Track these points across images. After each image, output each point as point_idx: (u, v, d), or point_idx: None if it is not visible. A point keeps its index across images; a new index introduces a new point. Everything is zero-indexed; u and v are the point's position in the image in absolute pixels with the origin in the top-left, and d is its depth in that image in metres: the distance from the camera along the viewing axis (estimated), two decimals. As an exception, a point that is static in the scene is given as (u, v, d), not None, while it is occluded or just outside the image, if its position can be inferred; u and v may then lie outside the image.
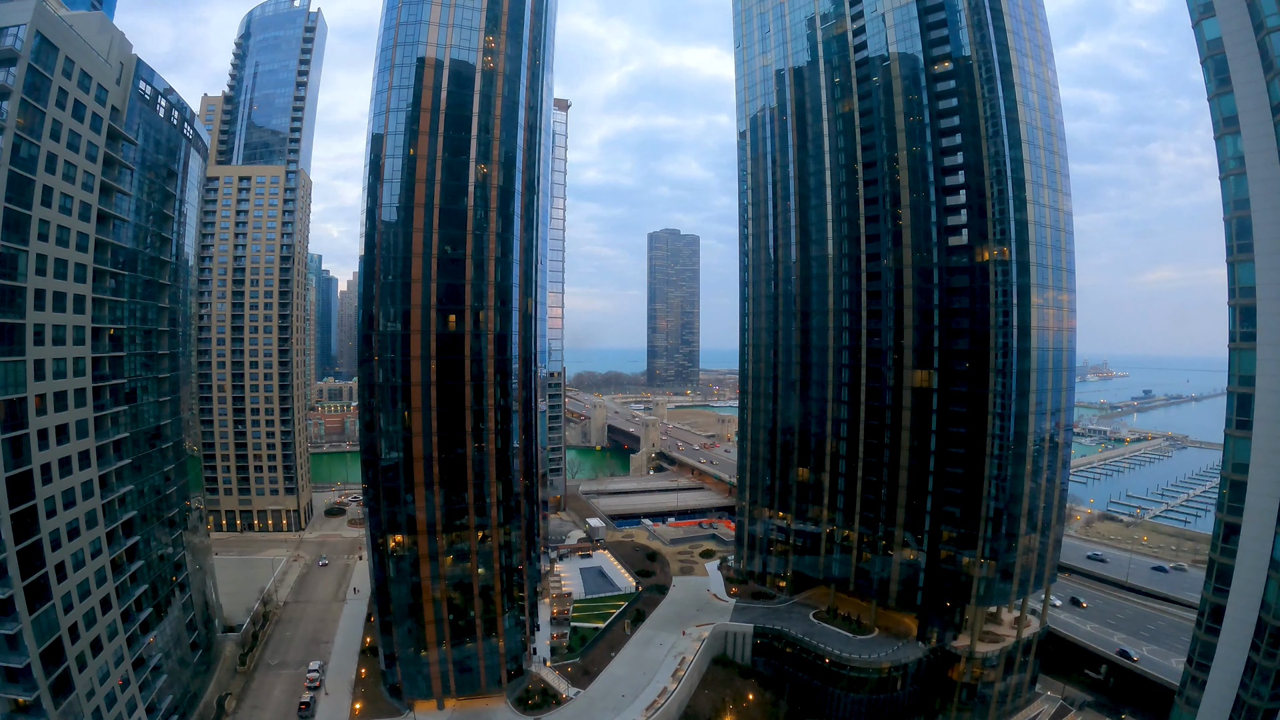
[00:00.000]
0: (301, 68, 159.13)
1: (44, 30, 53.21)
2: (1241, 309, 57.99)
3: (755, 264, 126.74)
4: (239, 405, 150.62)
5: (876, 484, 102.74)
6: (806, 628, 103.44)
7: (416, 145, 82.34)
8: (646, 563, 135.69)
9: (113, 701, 61.13)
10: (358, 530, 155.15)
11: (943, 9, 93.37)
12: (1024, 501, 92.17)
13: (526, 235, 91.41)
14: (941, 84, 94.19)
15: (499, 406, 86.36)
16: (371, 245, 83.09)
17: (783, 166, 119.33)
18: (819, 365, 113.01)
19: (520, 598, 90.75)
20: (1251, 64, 54.91)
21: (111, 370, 66.40)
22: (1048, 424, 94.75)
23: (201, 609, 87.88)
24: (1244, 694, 55.47)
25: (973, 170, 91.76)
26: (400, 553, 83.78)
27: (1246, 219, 56.37)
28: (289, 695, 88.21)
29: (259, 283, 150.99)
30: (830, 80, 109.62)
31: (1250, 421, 56.46)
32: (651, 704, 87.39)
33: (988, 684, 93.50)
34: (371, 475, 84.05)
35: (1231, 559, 57.48)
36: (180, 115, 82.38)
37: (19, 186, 51.59)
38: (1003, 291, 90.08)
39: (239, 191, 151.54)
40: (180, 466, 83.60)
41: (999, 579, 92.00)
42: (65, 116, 56.73)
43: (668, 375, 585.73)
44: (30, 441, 52.94)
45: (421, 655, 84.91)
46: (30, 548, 52.20)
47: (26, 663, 51.18)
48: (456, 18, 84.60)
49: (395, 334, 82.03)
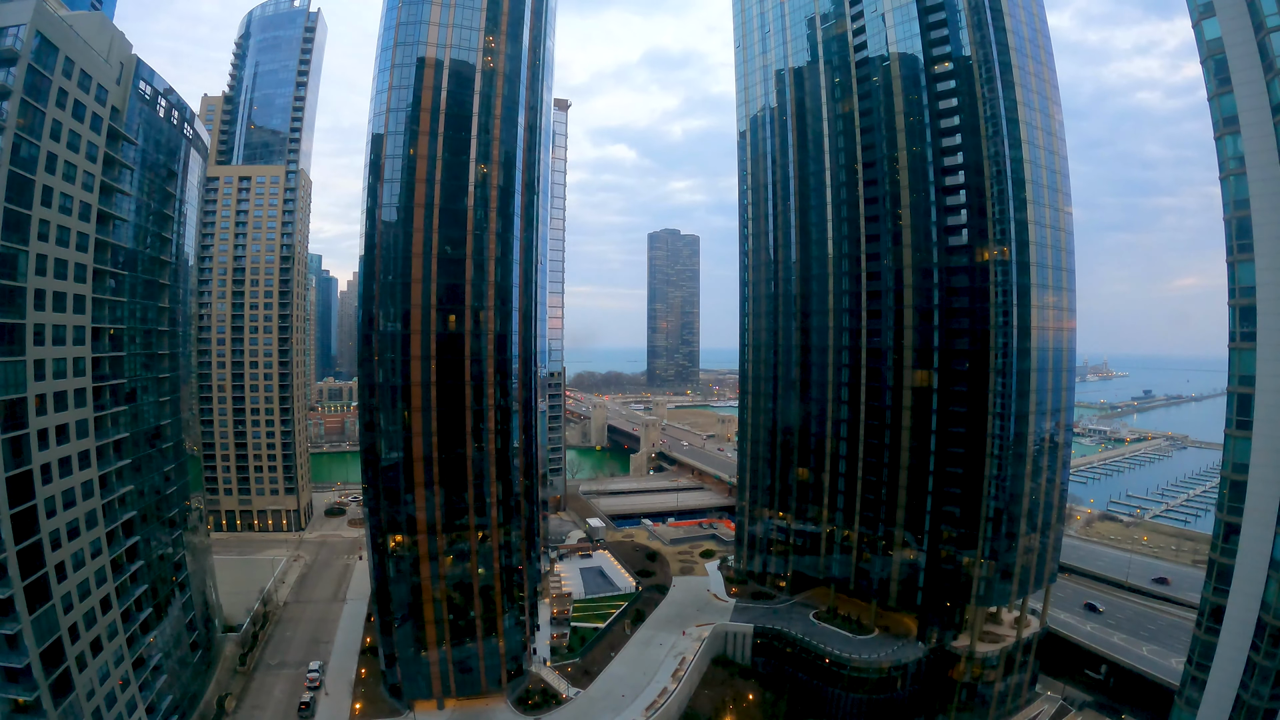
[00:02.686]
0: (301, 68, 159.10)
1: (44, 30, 53.21)
2: (1241, 309, 58.05)
3: (755, 264, 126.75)
4: (239, 405, 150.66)
5: (876, 484, 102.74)
6: (806, 628, 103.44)
7: (416, 145, 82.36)
8: (646, 563, 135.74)
9: (113, 702, 61.12)
10: (358, 530, 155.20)
11: (943, 9, 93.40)
12: (1024, 501, 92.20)
13: (526, 235, 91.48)
14: (942, 84, 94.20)
15: (499, 406, 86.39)
16: (371, 245, 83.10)
17: (783, 166, 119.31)
18: (819, 365, 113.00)
19: (520, 598, 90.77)
20: (1251, 64, 54.97)
21: (111, 370, 66.36)
22: (1048, 424, 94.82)
23: (201, 609, 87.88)
24: (1244, 694, 55.51)
25: (973, 170, 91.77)
26: (400, 553, 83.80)
27: (1246, 219, 56.45)
28: (289, 695, 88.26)
29: (259, 283, 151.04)
30: (830, 80, 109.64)
31: (1250, 421, 56.52)
32: (651, 704, 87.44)
33: (988, 684, 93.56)
34: (371, 475, 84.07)
35: (1231, 559, 57.54)
36: (180, 115, 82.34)
37: (19, 186, 51.57)
38: (1003, 291, 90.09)
39: (239, 191, 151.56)
40: (180, 466, 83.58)
41: (999, 579, 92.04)
42: (65, 116, 56.70)
43: (668, 375, 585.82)
44: (30, 441, 52.94)
45: (421, 655, 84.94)
46: (30, 548, 52.19)
47: (26, 663, 51.16)
48: (456, 18, 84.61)
49: (395, 334, 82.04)
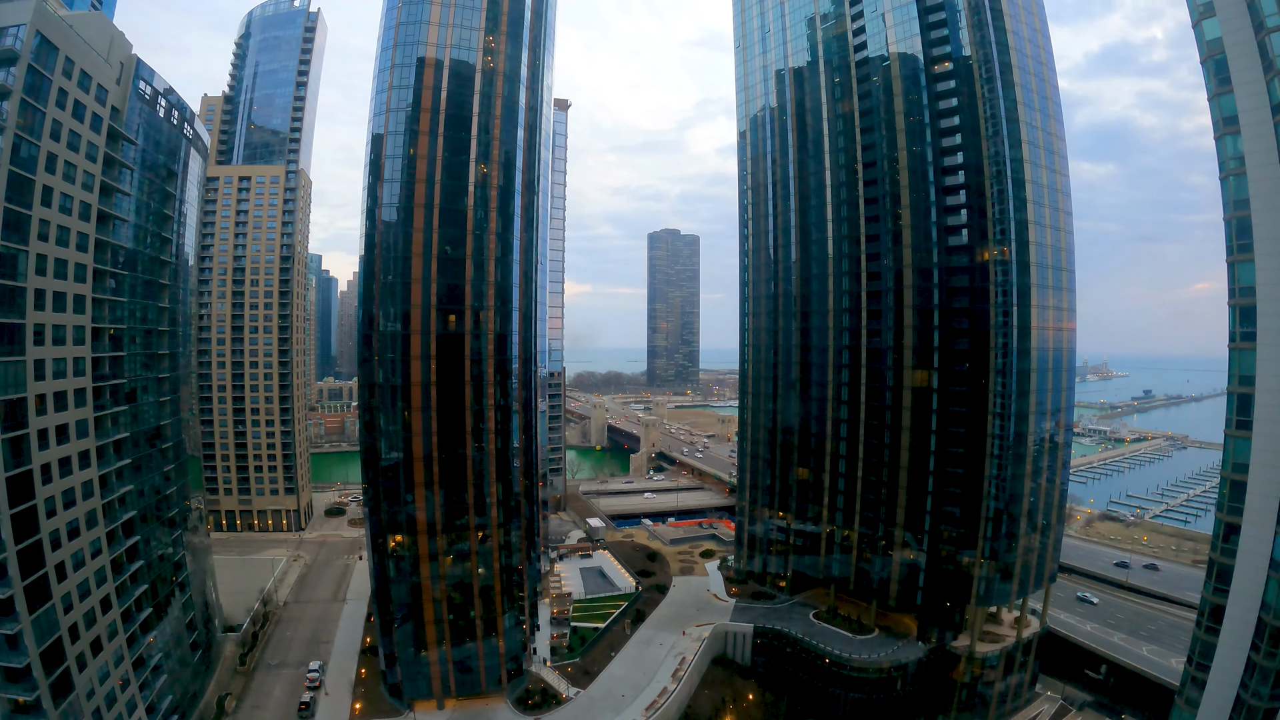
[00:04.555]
0: (301, 68, 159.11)
1: (44, 30, 53.24)
2: (1241, 309, 58.00)
3: (755, 264, 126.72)
4: (239, 405, 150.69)
5: (876, 484, 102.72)
6: (806, 628, 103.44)
7: (416, 145, 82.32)
8: (646, 563, 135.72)
9: (113, 701, 61.17)
10: (358, 530, 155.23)
11: (943, 9, 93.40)
12: (1024, 501, 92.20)
13: (526, 235, 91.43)
14: (941, 84, 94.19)
15: (499, 406, 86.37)
16: (371, 245, 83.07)
17: (783, 166, 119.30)
18: (819, 365, 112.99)
19: (520, 598, 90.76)
20: (1251, 64, 54.92)
21: (111, 370, 66.38)
22: (1048, 424, 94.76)
23: (201, 609, 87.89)
24: (1244, 694, 55.48)
25: (973, 170, 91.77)
26: (400, 553, 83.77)
27: (1246, 219, 56.38)
28: (289, 695, 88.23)
29: (259, 283, 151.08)
30: (830, 80, 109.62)
31: (1250, 421, 56.46)
32: (651, 704, 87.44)
33: (988, 684, 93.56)
34: (371, 475, 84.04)
35: (1231, 559, 57.48)
36: (180, 115, 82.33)
37: (19, 186, 51.62)
38: (1003, 291, 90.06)
39: (239, 191, 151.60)
40: (180, 466, 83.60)
41: (999, 579, 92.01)
42: (65, 116, 56.75)
43: (668, 375, 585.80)
44: (30, 441, 52.98)
45: (421, 655, 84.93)
46: (30, 548, 52.24)
47: (26, 663, 51.21)
48: (456, 18, 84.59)
49: (395, 334, 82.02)
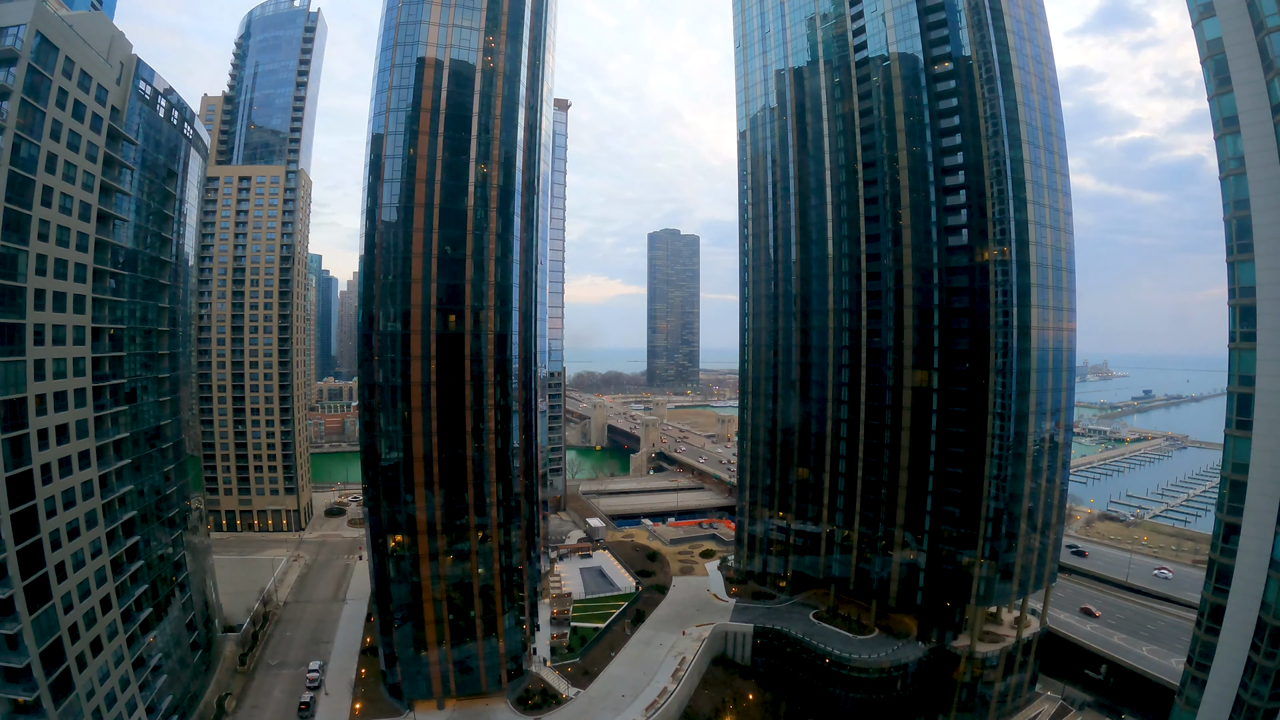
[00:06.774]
0: (301, 68, 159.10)
1: (44, 30, 53.24)
2: (1241, 309, 58.08)
3: (755, 264, 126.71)
4: (239, 405, 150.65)
5: (876, 484, 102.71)
6: (806, 628, 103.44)
7: (416, 145, 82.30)
8: (646, 563, 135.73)
9: (113, 701, 61.17)
10: (358, 530, 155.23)
11: (943, 9, 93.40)
12: (1024, 501, 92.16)
13: (526, 235, 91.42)
14: (941, 84, 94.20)
15: (499, 406, 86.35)
16: (371, 245, 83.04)
17: (783, 166, 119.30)
18: (819, 365, 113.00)
19: (520, 598, 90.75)
20: (1251, 64, 55.01)
21: (111, 370, 66.38)
22: (1048, 424, 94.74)
23: (201, 609, 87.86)
24: (1244, 694, 55.56)
25: (973, 170, 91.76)
26: (400, 553, 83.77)
27: (1246, 219, 56.48)
28: (289, 695, 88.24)
29: (259, 283, 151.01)
30: (830, 80, 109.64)
31: (1250, 421, 56.57)
32: (651, 704, 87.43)
33: (988, 684, 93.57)
34: (371, 475, 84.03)
35: (1231, 559, 57.58)
36: (180, 115, 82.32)
37: (19, 186, 51.61)
38: (1003, 291, 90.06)
39: (239, 191, 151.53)
40: (180, 466, 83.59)
41: (999, 579, 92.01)
42: (65, 116, 56.74)
43: (668, 375, 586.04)
44: (30, 441, 52.97)
45: (421, 655, 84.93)
46: (30, 548, 52.24)
47: (26, 663, 51.21)
48: (456, 18, 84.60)
49: (395, 334, 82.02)
